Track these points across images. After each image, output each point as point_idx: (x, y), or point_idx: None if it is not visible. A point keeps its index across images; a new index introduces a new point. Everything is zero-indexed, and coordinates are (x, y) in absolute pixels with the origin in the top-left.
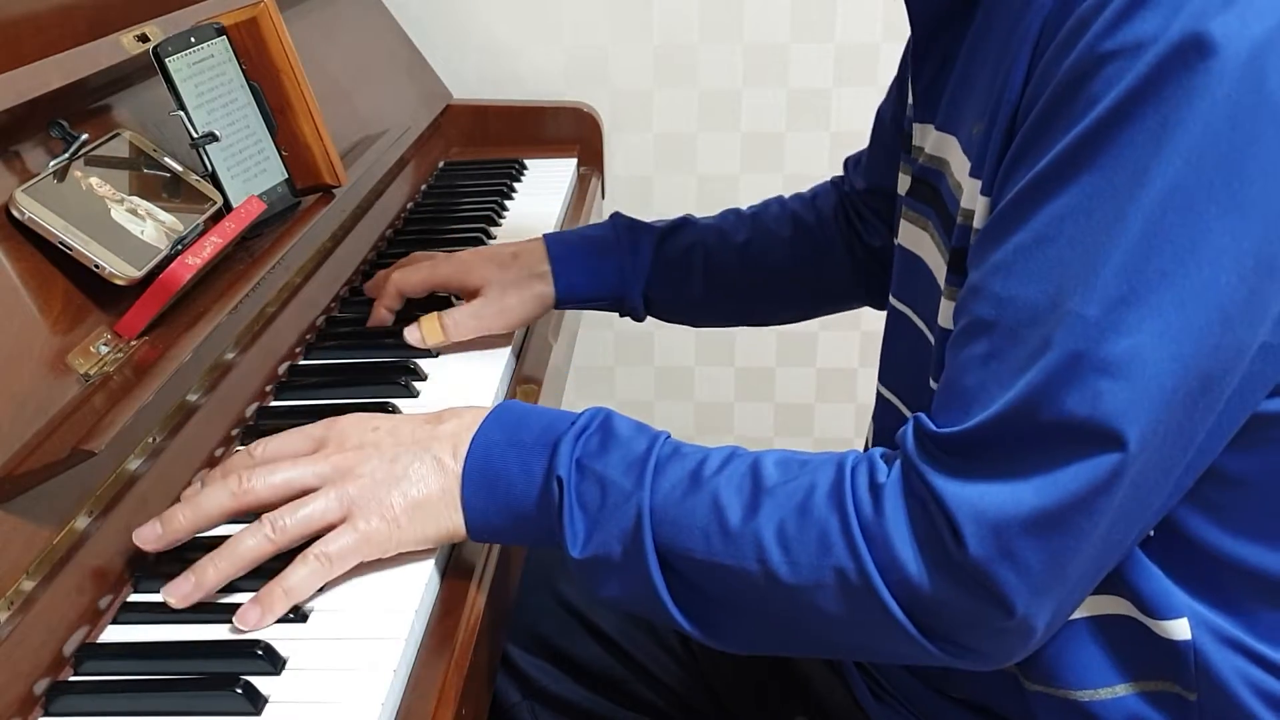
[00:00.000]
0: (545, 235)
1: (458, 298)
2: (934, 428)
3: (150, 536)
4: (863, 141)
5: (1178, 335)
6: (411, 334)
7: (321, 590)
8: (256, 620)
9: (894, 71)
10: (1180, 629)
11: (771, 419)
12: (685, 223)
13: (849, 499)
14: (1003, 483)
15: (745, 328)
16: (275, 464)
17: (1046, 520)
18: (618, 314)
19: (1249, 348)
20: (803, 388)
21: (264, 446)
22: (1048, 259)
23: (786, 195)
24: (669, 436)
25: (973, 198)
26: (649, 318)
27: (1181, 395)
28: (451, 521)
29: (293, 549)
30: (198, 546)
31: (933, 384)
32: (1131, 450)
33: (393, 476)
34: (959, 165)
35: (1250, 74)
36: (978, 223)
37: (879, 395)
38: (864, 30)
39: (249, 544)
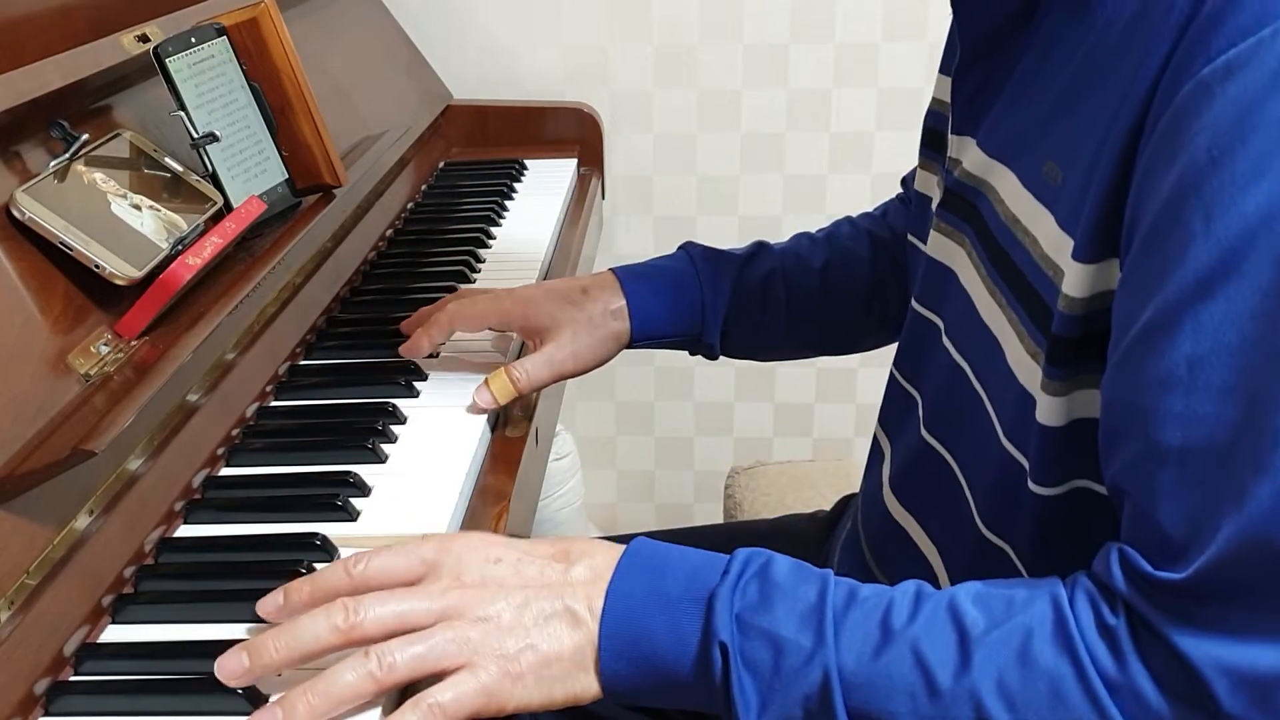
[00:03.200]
0: (616, 269)
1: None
2: (1151, 571)
3: (235, 669)
4: (862, 141)
5: None
6: (481, 396)
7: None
8: None
9: (893, 72)
10: None
11: (771, 419)
12: (761, 248)
13: (1079, 643)
14: (1247, 637)
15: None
16: (386, 595)
17: None
18: (688, 353)
19: None
20: (803, 388)
21: (364, 564)
22: (1231, 371)
23: (855, 215)
24: (837, 577)
25: (1059, 250)
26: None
27: None
28: (581, 684)
29: None
30: (214, 548)
31: (1005, 443)
32: None
33: (521, 625)
34: (1011, 192)
35: None
36: (1069, 288)
37: (892, 376)
38: (864, 30)
39: (348, 679)
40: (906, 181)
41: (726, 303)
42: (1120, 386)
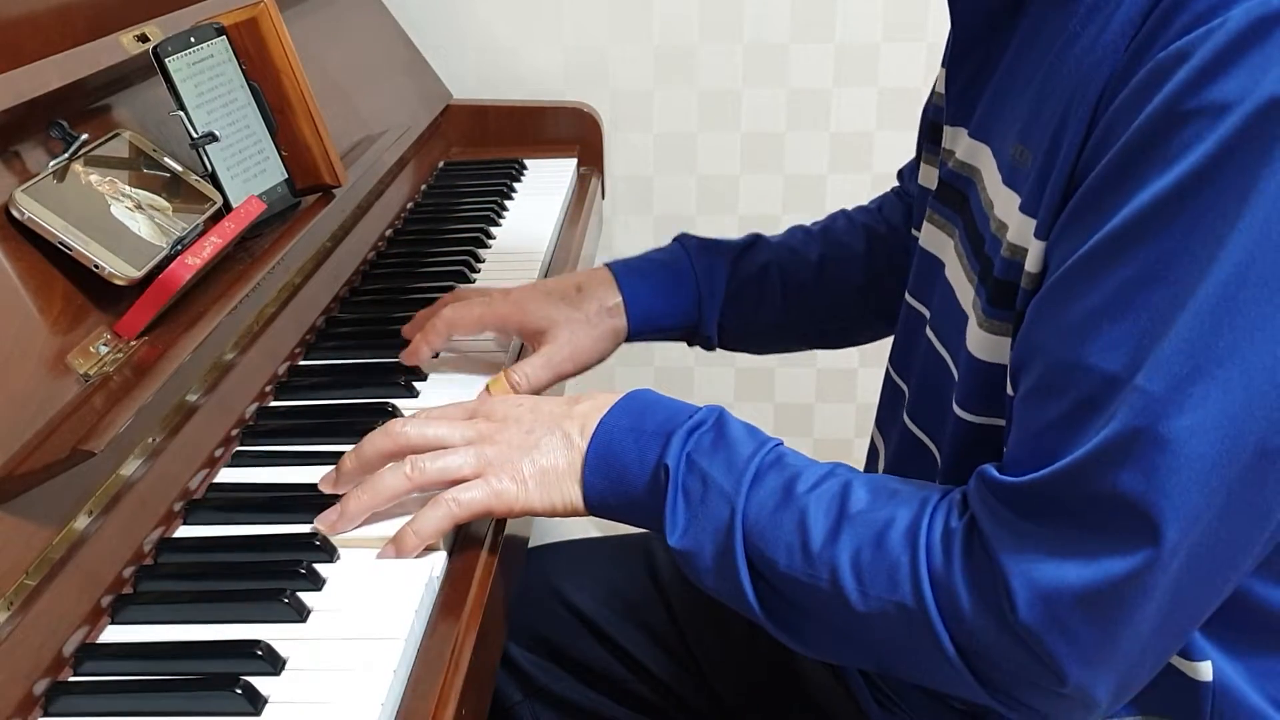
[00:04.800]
0: (611, 264)
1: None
2: (994, 475)
3: (328, 478)
4: (862, 141)
5: (1241, 413)
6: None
7: (322, 589)
8: (394, 556)
9: (893, 71)
10: (1204, 670)
11: (771, 419)
12: (757, 240)
13: (922, 539)
14: (1053, 555)
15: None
16: (431, 422)
17: (1095, 596)
18: (686, 344)
19: None
20: (803, 388)
21: (429, 413)
22: (1119, 329)
23: (850, 208)
24: (779, 444)
25: (1022, 234)
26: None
27: (1242, 473)
28: (572, 494)
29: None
30: (214, 548)
31: (957, 409)
32: (1167, 547)
33: (526, 445)
34: (991, 178)
35: None
36: (1030, 265)
37: (887, 372)
38: (864, 30)
39: (389, 480)
40: (903, 174)
41: (723, 295)
42: (1031, 328)
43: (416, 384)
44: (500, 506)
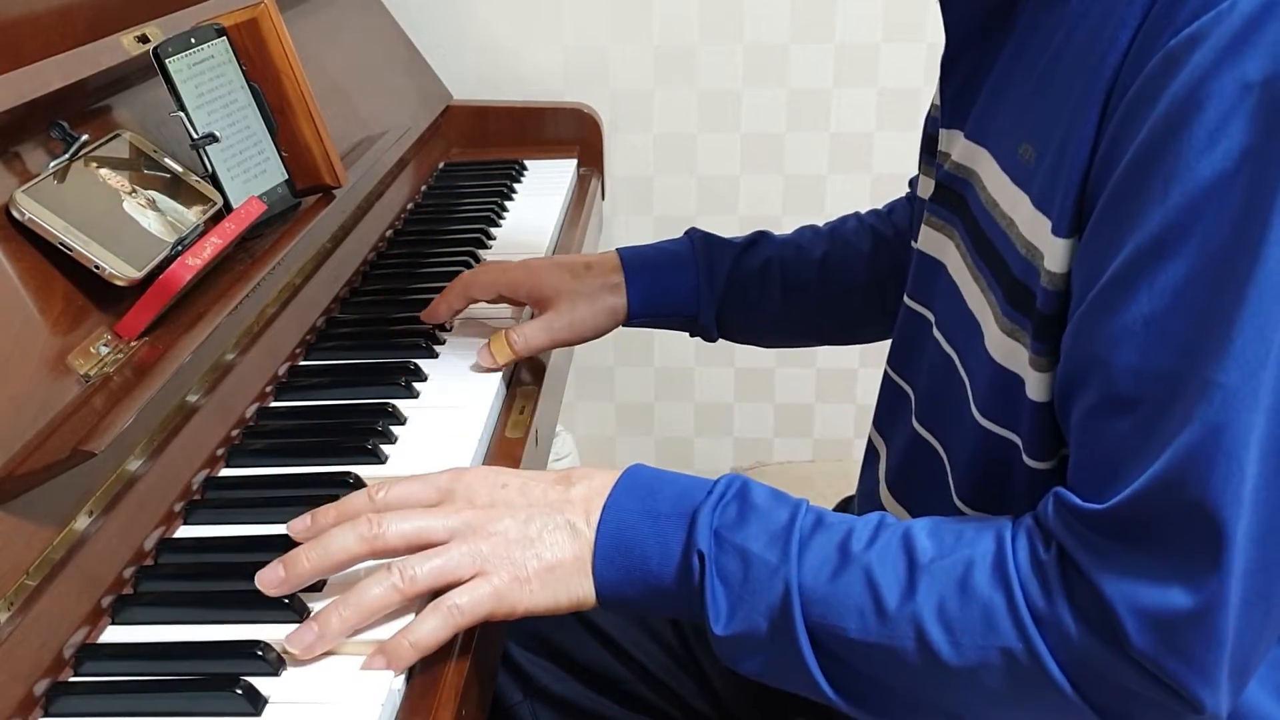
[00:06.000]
0: (620, 250)
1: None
2: (1077, 502)
3: (273, 580)
4: (862, 141)
5: None
6: (482, 356)
7: (322, 591)
8: (384, 668)
9: (893, 72)
10: None
11: (771, 419)
12: (762, 236)
13: (1013, 577)
14: (1153, 578)
15: None
16: (406, 512)
17: (1204, 614)
18: (688, 334)
19: None
20: (803, 388)
21: (386, 491)
22: (1182, 328)
23: (863, 210)
24: (809, 505)
25: (1036, 232)
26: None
27: None
28: (582, 589)
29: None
30: (214, 548)
31: (979, 418)
32: (1256, 545)
33: (526, 537)
34: (992, 179)
35: None
36: (1051, 264)
37: (886, 375)
38: (864, 30)
39: (375, 593)
40: (913, 183)
41: (722, 286)
42: (1081, 340)
43: (416, 384)
44: (502, 610)
